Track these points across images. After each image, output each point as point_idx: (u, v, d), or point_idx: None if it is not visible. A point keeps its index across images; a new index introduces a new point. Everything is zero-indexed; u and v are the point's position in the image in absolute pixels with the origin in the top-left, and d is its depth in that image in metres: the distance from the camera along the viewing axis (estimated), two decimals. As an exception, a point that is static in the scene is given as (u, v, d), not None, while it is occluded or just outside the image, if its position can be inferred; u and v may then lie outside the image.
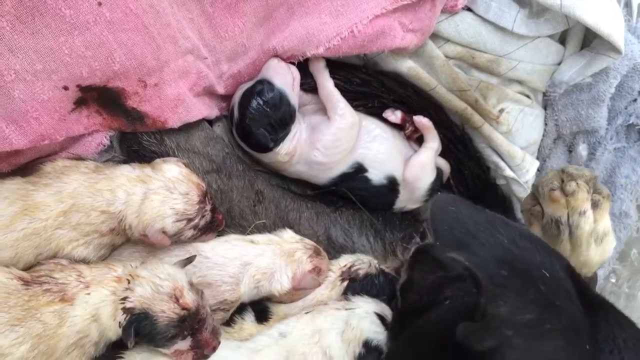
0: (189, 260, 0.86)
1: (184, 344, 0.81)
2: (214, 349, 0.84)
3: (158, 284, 0.79)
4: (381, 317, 0.92)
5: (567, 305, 0.62)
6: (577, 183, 0.84)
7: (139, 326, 0.78)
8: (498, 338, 0.59)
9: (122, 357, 0.83)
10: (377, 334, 0.90)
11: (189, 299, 0.81)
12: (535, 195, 0.92)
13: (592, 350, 0.63)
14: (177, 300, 0.80)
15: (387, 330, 0.91)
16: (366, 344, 0.89)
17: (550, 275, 0.63)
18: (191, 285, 0.83)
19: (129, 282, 0.79)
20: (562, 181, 0.86)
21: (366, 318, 0.92)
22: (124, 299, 0.78)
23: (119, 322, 0.78)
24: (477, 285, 0.62)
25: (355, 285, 1.01)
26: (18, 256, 0.82)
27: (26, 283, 0.78)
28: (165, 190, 0.87)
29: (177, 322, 0.79)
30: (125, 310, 0.78)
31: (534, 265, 0.64)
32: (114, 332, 0.80)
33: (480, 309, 0.61)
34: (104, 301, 0.79)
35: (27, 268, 0.83)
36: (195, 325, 0.81)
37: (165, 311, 0.79)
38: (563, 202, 0.85)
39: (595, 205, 0.85)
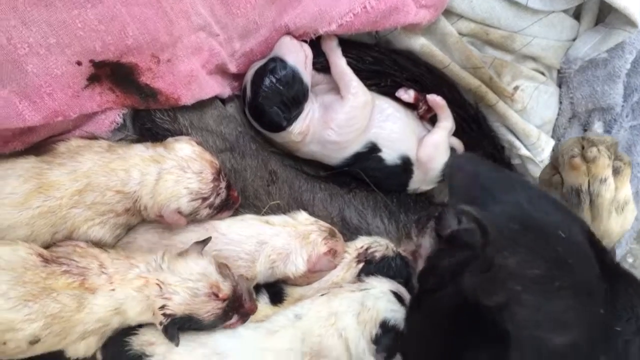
0: (205, 242, 0.86)
1: (231, 321, 0.84)
2: (255, 309, 0.87)
3: (194, 288, 0.80)
4: (397, 295, 0.91)
5: (582, 266, 0.61)
6: (598, 149, 0.82)
7: (184, 326, 0.80)
8: (506, 293, 0.58)
9: (136, 333, 0.83)
10: (395, 312, 0.89)
11: (226, 288, 0.82)
12: (554, 164, 0.90)
13: (607, 315, 0.61)
14: (216, 296, 0.81)
15: (404, 307, 0.90)
16: (383, 325, 0.88)
17: (567, 237, 0.61)
18: (219, 268, 0.83)
19: (160, 289, 0.79)
20: (583, 148, 0.85)
21: (382, 298, 0.90)
22: (163, 306, 0.79)
23: (160, 322, 0.79)
24: (484, 235, 0.61)
25: (370, 268, 1.00)
26: (34, 234, 0.82)
27: (45, 260, 0.77)
28: (178, 170, 0.86)
29: (223, 314, 0.82)
30: (167, 315, 0.79)
31: (551, 226, 0.62)
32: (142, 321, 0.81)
33: (486, 259, 0.60)
34: (130, 299, 0.79)
35: (45, 248, 0.83)
36: (237, 304, 0.83)
37: (210, 310, 0.81)
38: (584, 169, 0.83)
39: (616, 172, 0.84)
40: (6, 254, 0.75)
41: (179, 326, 0.80)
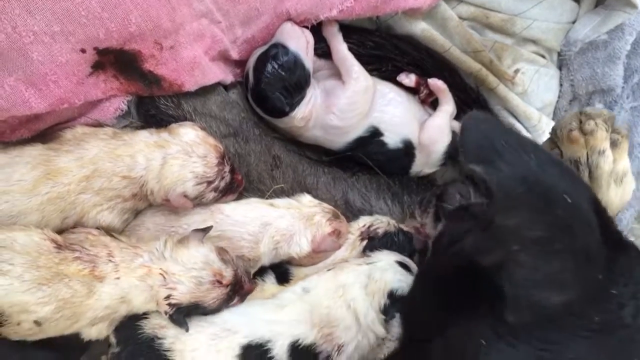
0: (206, 230, 0.87)
1: (232, 303, 0.86)
2: (254, 288, 0.90)
3: (198, 277, 0.81)
4: (403, 265, 0.92)
5: (584, 231, 0.61)
6: (596, 122, 0.83)
7: (190, 313, 0.82)
8: (504, 252, 0.59)
9: (147, 317, 0.84)
10: (402, 282, 0.90)
11: (229, 274, 0.83)
12: (554, 139, 0.91)
13: (605, 280, 0.62)
14: (220, 282, 0.82)
15: (411, 276, 0.91)
16: (391, 295, 0.90)
17: (572, 202, 0.62)
18: (219, 254, 0.84)
19: (164, 278, 0.80)
20: (581, 122, 0.85)
21: (388, 269, 0.92)
22: (168, 296, 0.80)
23: (165, 312, 0.80)
24: (489, 195, 0.61)
25: (374, 243, 1.01)
26: (45, 220, 0.83)
27: (58, 246, 0.79)
28: (183, 154, 0.87)
29: (227, 298, 0.83)
30: (172, 305, 0.80)
31: (557, 190, 0.63)
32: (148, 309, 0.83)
33: (488, 218, 0.61)
34: (134, 288, 0.80)
35: (58, 233, 0.84)
36: (238, 287, 0.85)
37: (215, 297, 0.82)
38: (582, 142, 0.84)
39: (614, 144, 0.85)
40: (21, 238, 0.77)
41: (185, 313, 0.82)
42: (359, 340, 0.89)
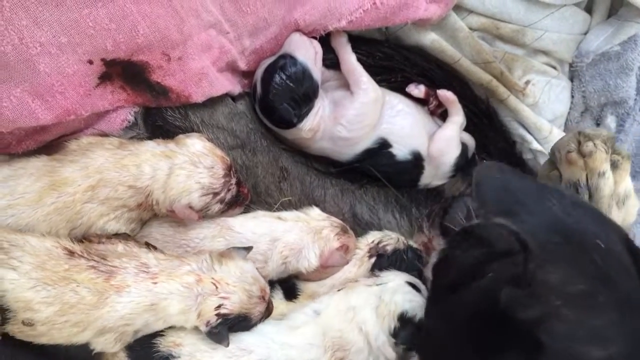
0: (248, 249, 0.87)
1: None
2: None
3: (249, 290, 0.82)
4: (413, 286, 0.91)
5: (624, 278, 0.59)
6: (595, 143, 0.81)
7: (234, 326, 0.82)
8: (544, 307, 0.56)
9: (163, 335, 0.83)
10: (412, 303, 0.89)
11: (268, 290, 0.86)
12: (553, 160, 0.89)
13: None
14: (263, 299, 0.84)
15: (421, 296, 0.90)
16: (401, 318, 0.88)
17: (606, 247, 0.60)
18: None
19: (216, 287, 0.80)
20: (580, 143, 0.84)
21: (398, 291, 0.91)
22: (219, 306, 0.80)
23: (207, 322, 0.80)
24: (525, 250, 0.59)
25: (383, 261, 1.00)
26: (53, 231, 0.83)
27: (70, 254, 0.78)
28: (190, 165, 0.87)
29: (265, 314, 0.86)
30: (221, 315, 0.80)
31: (588, 235, 0.61)
32: (174, 323, 0.82)
33: (528, 274, 0.58)
34: (175, 294, 0.79)
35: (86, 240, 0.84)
36: (270, 306, 0.88)
37: (260, 311, 0.84)
38: (581, 164, 0.82)
39: (614, 166, 0.82)
40: (33, 241, 0.77)
41: (230, 326, 0.82)
42: None
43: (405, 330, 0.88)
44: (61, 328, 0.76)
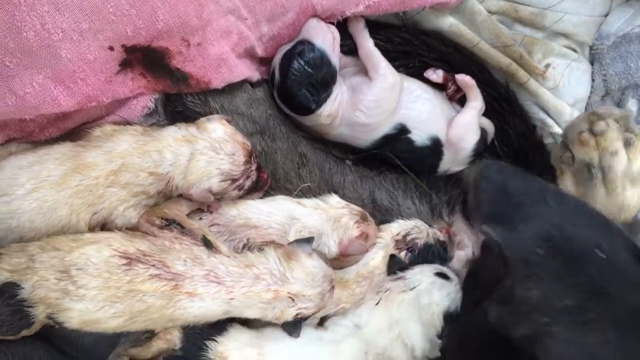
0: (310, 241, 0.88)
1: None
2: None
3: (322, 291, 0.84)
4: (442, 275, 0.90)
5: (625, 293, 0.56)
6: (606, 122, 0.80)
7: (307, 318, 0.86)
8: (532, 325, 0.55)
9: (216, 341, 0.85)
10: (450, 295, 0.89)
11: (334, 275, 0.89)
12: (565, 142, 0.88)
13: None
14: (333, 287, 0.87)
15: (453, 282, 0.90)
16: (446, 316, 0.88)
17: (608, 258, 0.57)
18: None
19: (293, 300, 0.82)
20: (592, 123, 0.82)
21: (433, 289, 0.90)
22: (297, 315, 0.83)
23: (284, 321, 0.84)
24: (505, 264, 0.57)
25: (413, 257, 0.99)
26: (74, 214, 0.83)
27: (129, 261, 0.78)
28: (211, 151, 0.87)
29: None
30: (298, 318, 0.83)
31: (587, 245, 0.58)
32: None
33: (507, 291, 0.56)
34: (254, 307, 0.81)
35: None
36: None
37: (329, 299, 0.87)
38: (593, 144, 0.81)
39: (627, 144, 0.81)
40: (93, 256, 0.76)
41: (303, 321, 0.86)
42: None
43: (448, 329, 0.87)
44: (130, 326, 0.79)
